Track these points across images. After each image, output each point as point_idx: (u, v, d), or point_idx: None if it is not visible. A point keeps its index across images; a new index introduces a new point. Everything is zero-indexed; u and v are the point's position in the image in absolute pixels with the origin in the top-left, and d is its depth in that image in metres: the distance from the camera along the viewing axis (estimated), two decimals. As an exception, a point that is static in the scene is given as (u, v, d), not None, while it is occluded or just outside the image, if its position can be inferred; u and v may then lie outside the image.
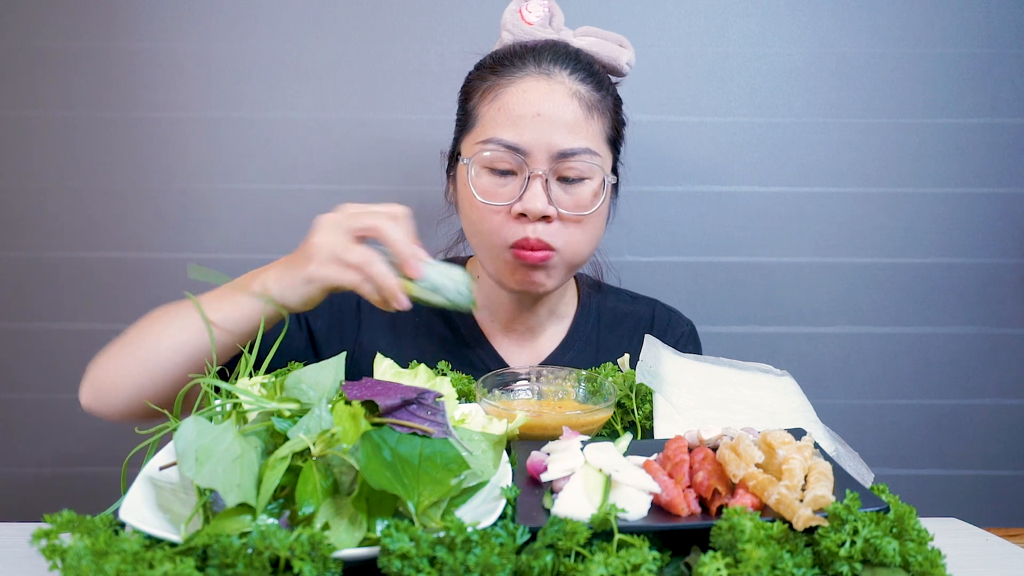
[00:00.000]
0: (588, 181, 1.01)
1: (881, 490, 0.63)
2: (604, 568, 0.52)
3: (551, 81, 1.01)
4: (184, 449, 0.59)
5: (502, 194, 1.00)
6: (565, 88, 1.00)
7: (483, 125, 1.02)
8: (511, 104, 1.00)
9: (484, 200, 1.00)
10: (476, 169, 1.01)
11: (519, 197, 0.98)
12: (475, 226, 1.04)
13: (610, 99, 1.06)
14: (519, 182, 0.99)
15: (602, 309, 1.20)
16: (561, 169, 0.99)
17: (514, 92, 1.00)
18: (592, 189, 1.01)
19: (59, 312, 1.49)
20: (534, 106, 0.99)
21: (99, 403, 0.90)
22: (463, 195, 1.05)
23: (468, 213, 1.05)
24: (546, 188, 0.98)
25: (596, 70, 1.05)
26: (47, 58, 1.46)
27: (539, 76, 1.01)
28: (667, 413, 0.82)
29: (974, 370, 1.57)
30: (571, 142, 0.98)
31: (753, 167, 1.53)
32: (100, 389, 0.90)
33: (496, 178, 1.00)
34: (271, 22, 1.47)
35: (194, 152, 1.49)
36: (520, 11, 1.08)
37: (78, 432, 1.53)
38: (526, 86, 1.00)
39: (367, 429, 0.61)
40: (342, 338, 1.11)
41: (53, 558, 0.54)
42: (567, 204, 1.00)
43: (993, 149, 1.52)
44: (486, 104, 1.02)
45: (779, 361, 1.27)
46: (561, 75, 1.01)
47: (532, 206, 0.97)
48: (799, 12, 1.50)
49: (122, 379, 0.88)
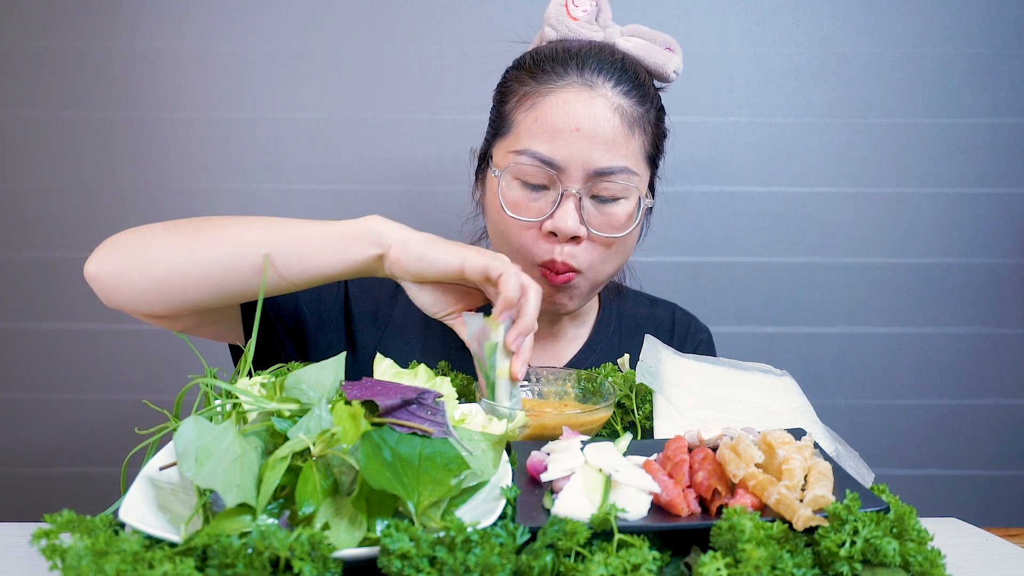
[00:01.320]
0: (623, 201, 0.97)
1: (881, 490, 0.63)
2: (604, 568, 0.52)
3: (593, 93, 0.96)
4: (184, 449, 0.59)
5: (533, 209, 0.96)
6: (607, 102, 0.95)
7: (518, 134, 0.98)
8: (549, 115, 0.95)
9: (514, 215, 0.96)
10: (507, 180, 0.97)
11: (550, 214, 0.95)
12: (503, 237, 1.00)
13: (653, 112, 1.01)
14: (551, 198, 0.95)
15: (623, 314, 1.17)
16: (596, 188, 0.95)
17: (553, 103, 0.95)
18: (627, 211, 0.98)
19: (60, 312, 1.49)
20: (573, 120, 0.94)
21: (111, 279, 0.85)
22: (491, 204, 1.02)
23: (496, 223, 1.01)
24: (579, 207, 0.95)
25: (642, 80, 1.00)
26: (48, 58, 1.46)
27: (581, 87, 0.96)
28: (667, 413, 0.82)
29: (974, 370, 1.57)
30: (609, 160, 0.94)
31: (753, 167, 1.53)
32: (122, 262, 0.85)
33: (528, 192, 0.96)
34: (272, 22, 1.47)
35: (196, 152, 1.49)
36: (566, 5, 1.02)
37: (78, 432, 1.53)
38: (567, 97, 0.95)
39: (367, 429, 0.61)
40: (375, 324, 1.07)
41: (53, 558, 0.54)
42: (599, 224, 0.96)
43: (993, 149, 1.52)
44: (523, 111, 0.98)
45: (779, 361, 1.27)
46: (604, 87, 0.96)
47: (563, 225, 0.94)
48: (799, 12, 1.50)
49: (153, 260, 0.84)
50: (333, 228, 0.85)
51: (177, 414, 0.74)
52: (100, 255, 0.86)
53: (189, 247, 0.84)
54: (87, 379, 1.52)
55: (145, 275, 0.84)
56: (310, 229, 0.85)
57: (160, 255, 0.84)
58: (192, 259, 0.84)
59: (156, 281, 0.84)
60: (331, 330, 1.06)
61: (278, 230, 0.85)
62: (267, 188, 1.50)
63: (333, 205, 1.50)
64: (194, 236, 0.85)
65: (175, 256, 0.84)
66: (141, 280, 0.85)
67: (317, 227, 0.85)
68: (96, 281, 0.86)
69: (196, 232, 0.85)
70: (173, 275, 0.84)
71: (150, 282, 0.84)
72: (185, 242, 0.84)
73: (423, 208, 1.51)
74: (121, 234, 0.87)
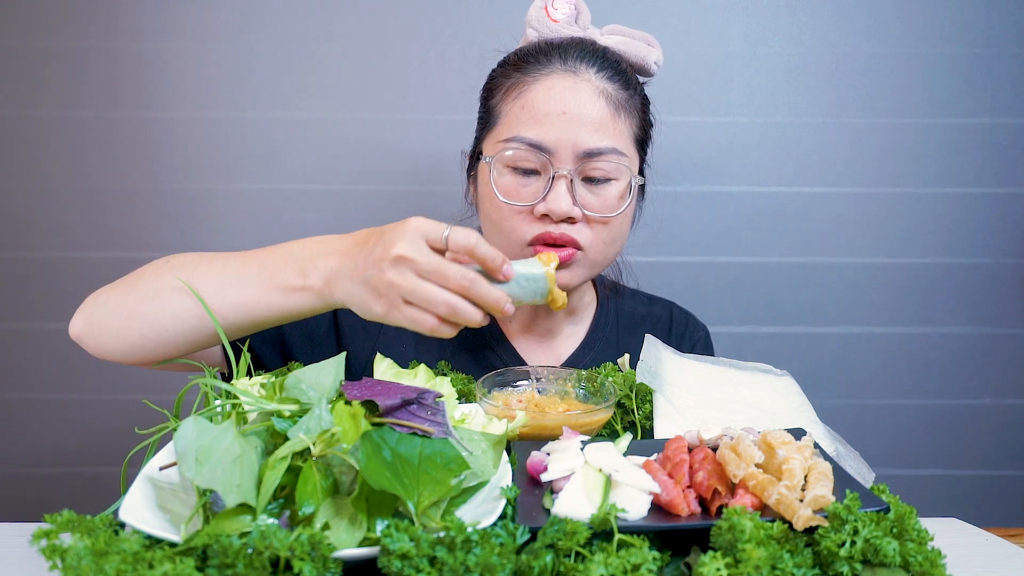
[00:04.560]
0: (615, 182, 0.98)
1: (881, 490, 0.63)
2: (604, 568, 0.52)
3: (577, 79, 0.97)
4: (184, 449, 0.59)
5: (525, 194, 0.97)
6: (591, 86, 0.97)
7: (506, 123, 0.99)
8: (535, 101, 0.97)
9: (506, 200, 0.97)
10: (499, 168, 0.98)
11: (543, 197, 0.95)
12: (495, 226, 1.00)
13: (638, 99, 1.03)
14: (543, 182, 0.96)
15: (620, 312, 1.17)
16: (587, 169, 0.96)
17: (539, 89, 0.97)
18: (618, 191, 0.98)
19: (60, 312, 1.49)
20: (559, 104, 0.95)
21: (92, 339, 0.87)
22: (484, 194, 1.02)
23: (489, 213, 1.01)
24: (571, 189, 0.95)
25: (623, 69, 1.02)
26: (50, 58, 1.46)
27: (565, 73, 0.98)
28: (667, 413, 0.82)
29: (974, 370, 1.57)
30: (597, 141, 0.95)
31: (753, 167, 1.53)
32: (97, 326, 0.86)
33: (519, 177, 0.97)
34: (273, 23, 1.47)
35: (198, 152, 1.49)
36: (546, 8, 1.05)
37: (78, 432, 1.53)
38: (551, 83, 0.97)
39: (367, 429, 0.61)
40: (366, 333, 1.07)
41: (53, 558, 0.54)
42: (593, 205, 0.97)
43: (993, 149, 1.52)
44: (509, 102, 1.00)
45: (779, 361, 1.27)
46: (588, 72, 0.98)
47: (556, 207, 0.94)
48: (799, 12, 1.50)
49: (125, 325, 0.84)
50: (282, 276, 0.81)
51: (177, 414, 0.74)
52: (79, 319, 0.88)
53: (154, 311, 0.84)
54: (87, 379, 1.52)
55: (121, 340, 0.85)
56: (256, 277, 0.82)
57: (130, 321, 0.84)
58: (158, 326, 0.84)
59: (132, 345, 0.85)
60: (321, 346, 1.06)
61: (232, 285, 0.83)
62: (267, 188, 1.50)
63: (333, 205, 1.50)
64: (158, 298, 0.84)
65: (142, 321, 0.84)
66: (119, 344, 0.86)
67: (265, 273, 0.82)
68: (81, 343, 0.88)
69: (158, 296, 0.84)
70: (144, 341, 0.85)
71: (126, 346, 0.86)
72: (150, 306, 0.84)
73: (423, 208, 1.51)
74: (93, 296, 0.88)
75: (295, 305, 0.81)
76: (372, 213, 1.49)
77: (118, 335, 0.85)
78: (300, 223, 1.50)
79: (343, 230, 0.84)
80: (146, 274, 0.87)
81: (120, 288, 0.87)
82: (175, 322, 0.83)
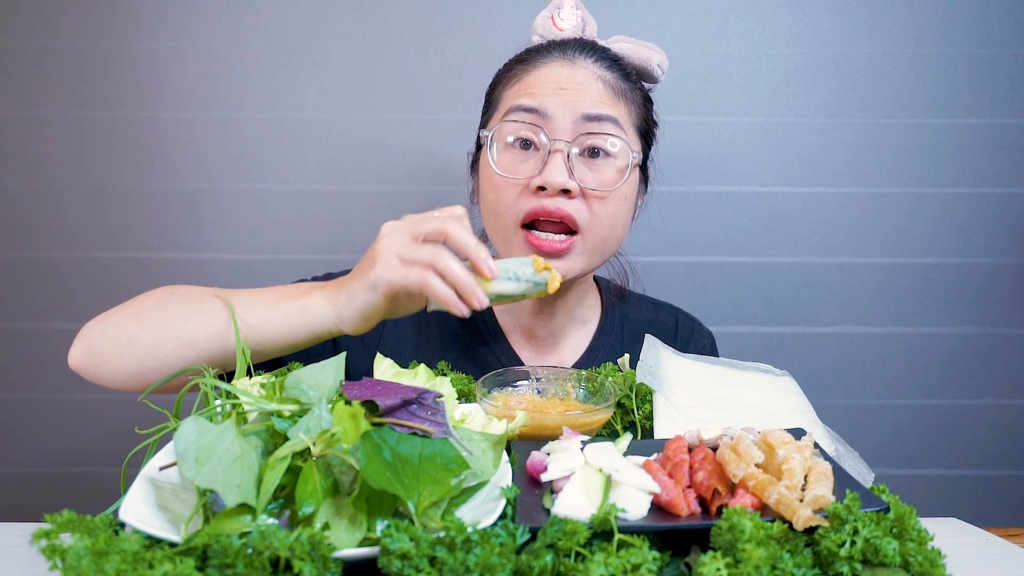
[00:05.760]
0: (612, 159, 0.97)
1: (881, 490, 0.63)
2: (604, 568, 0.52)
3: (575, 66, 0.99)
4: (184, 449, 0.59)
5: (522, 169, 0.96)
6: (589, 72, 0.98)
7: (504, 104, 1.00)
8: (534, 83, 0.98)
9: (503, 173, 0.96)
10: (498, 146, 0.98)
11: (539, 172, 0.95)
12: (492, 207, 0.99)
13: (639, 93, 1.03)
14: (540, 157, 0.96)
15: (626, 319, 1.16)
16: (585, 140, 0.95)
17: (536, 74, 0.99)
18: (617, 167, 0.97)
19: (61, 312, 1.49)
20: (557, 83, 0.97)
21: (92, 368, 0.87)
22: (484, 177, 1.01)
23: (486, 195, 1.00)
24: (567, 160, 0.94)
25: (623, 64, 1.03)
26: (49, 58, 1.46)
27: (563, 62, 0.99)
28: (667, 413, 0.82)
29: (974, 370, 1.57)
30: (596, 108, 0.95)
31: (753, 167, 1.53)
32: (98, 355, 0.86)
33: (516, 152, 0.97)
34: (273, 23, 1.47)
35: (198, 152, 1.49)
36: (552, 17, 1.06)
37: (78, 432, 1.53)
38: (549, 69, 0.99)
39: (367, 429, 0.61)
40: (365, 348, 1.05)
41: (53, 558, 0.54)
42: (590, 181, 0.96)
43: (993, 149, 1.52)
44: (508, 89, 1.01)
45: (779, 361, 1.27)
46: (586, 62, 0.99)
47: (552, 178, 0.93)
48: (799, 12, 1.50)
49: (125, 353, 0.84)
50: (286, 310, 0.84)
51: (177, 414, 0.74)
52: (78, 348, 0.87)
53: (156, 338, 0.84)
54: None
55: (121, 368, 0.85)
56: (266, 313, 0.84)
57: (131, 348, 0.84)
58: (159, 353, 0.84)
59: (131, 373, 0.85)
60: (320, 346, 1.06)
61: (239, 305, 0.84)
62: (267, 188, 1.50)
63: (333, 205, 1.50)
64: (163, 324, 0.84)
65: (143, 348, 0.84)
66: (119, 372, 0.86)
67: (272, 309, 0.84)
68: (80, 372, 0.88)
69: (163, 322, 0.85)
70: (144, 368, 0.85)
71: (126, 375, 0.86)
72: (152, 333, 0.84)
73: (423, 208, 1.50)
74: (90, 326, 0.88)
75: (304, 319, 0.83)
76: (372, 213, 1.49)
77: (120, 363, 0.85)
78: (300, 223, 1.50)
79: (343, 230, 0.85)
80: (148, 302, 0.88)
81: (119, 316, 0.88)
82: (178, 347, 0.84)
